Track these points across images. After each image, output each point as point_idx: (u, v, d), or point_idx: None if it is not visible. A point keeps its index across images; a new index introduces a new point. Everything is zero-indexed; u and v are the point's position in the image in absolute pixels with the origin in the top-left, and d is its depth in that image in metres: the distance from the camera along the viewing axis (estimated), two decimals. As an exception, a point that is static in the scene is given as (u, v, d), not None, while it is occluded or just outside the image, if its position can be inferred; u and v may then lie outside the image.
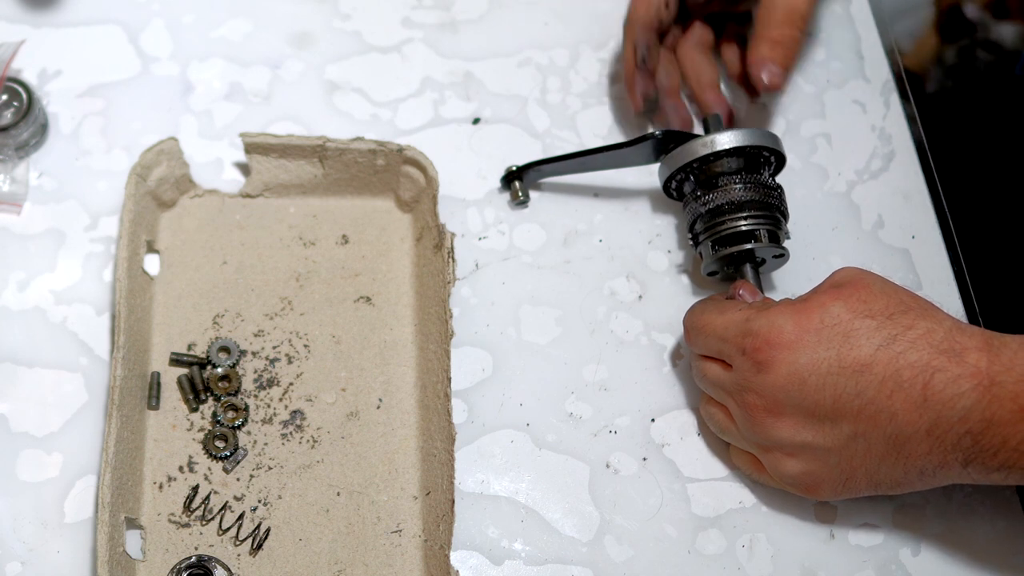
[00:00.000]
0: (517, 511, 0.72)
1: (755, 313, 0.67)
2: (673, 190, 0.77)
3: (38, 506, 0.70)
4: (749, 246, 0.73)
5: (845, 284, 0.66)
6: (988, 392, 0.59)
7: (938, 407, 0.61)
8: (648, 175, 0.83)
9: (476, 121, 0.85)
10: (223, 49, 0.86)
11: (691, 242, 0.77)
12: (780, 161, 0.76)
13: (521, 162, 0.80)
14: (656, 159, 0.77)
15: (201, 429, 0.73)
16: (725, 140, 0.73)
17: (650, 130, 0.81)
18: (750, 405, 0.67)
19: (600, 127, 0.85)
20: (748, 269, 0.75)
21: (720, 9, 0.83)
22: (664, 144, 0.76)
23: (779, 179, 0.78)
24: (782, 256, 0.75)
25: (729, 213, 0.73)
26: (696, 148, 0.74)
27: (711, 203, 0.73)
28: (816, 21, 0.90)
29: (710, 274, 0.77)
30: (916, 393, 0.61)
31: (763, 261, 0.76)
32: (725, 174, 0.74)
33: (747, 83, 0.82)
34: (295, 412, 0.74)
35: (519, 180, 0.80)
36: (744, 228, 0.73)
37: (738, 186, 0.73)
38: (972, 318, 0.79)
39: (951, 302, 0.80)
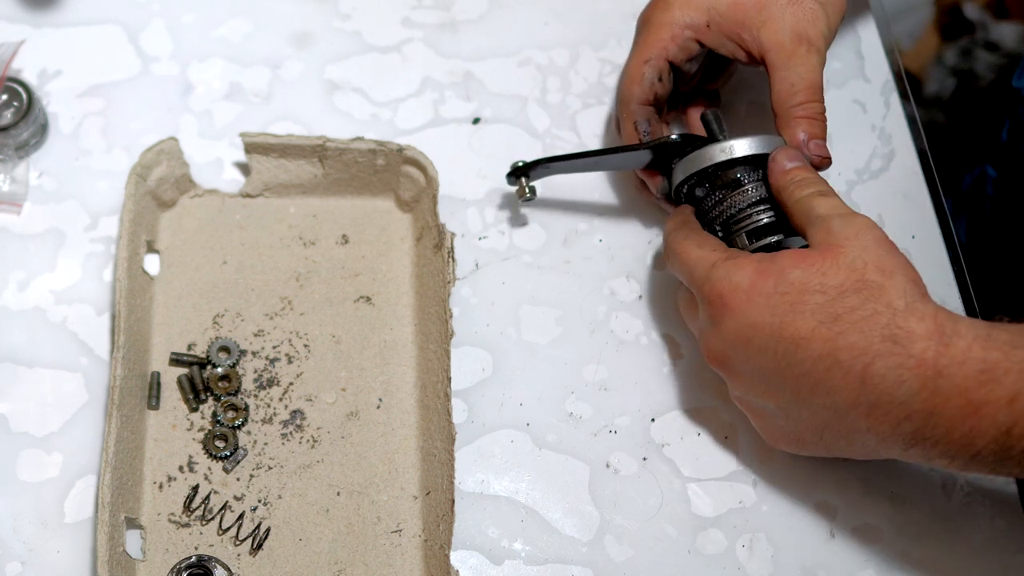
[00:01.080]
0: (517, 511, 0.72)
1: (722, 260, 0.67)
2: (683, 194, 0.76)
3: (38, 506, 0.70)
4: (776, 238, 0.71)
5: (822, 246, 0.64)
6: (932, 383, 0.58)
7: (877, 391, 0.60)
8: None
9: (476, 121, 0.85)
10: (223, 49, 0.86)
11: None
12: None
13: (522, 161, 0.79)
14: (669, 162, 0.76)
15: (201, 429, 0.73)
16: (744, 147, 0.72)
17: (666, 133, 0.80)
18: (707, 348, 0.68)
19: (600, 127, 0.85)
20: None
21: (696, 84, 0.82)
22: (681, 148, 0.75)
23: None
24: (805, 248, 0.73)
25: (754, 206, 0.72)
26: (715, 153, 0.72)
27: (738, 202, 0.72)
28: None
29: None
30: (855, 375, 0.61)
31: None
32: (742, 175, 0.73)
33: None
34: (295, 412, 0.74)
35: (526, 176, 0.79)
36: (768, 221, 0.71)
37: (758, 183, 0.72)
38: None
39: (951, 302, 0.80)
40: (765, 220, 0.71)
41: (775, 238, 0.70)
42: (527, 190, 0.78)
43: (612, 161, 0.78)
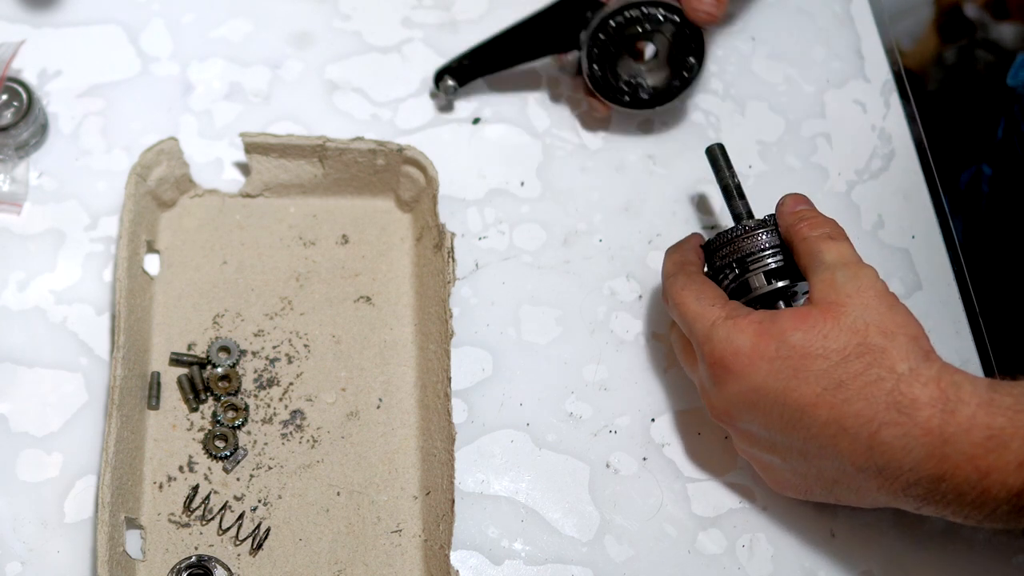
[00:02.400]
0: (517, 511, 0.72)
1: (723, 319, 0.66)
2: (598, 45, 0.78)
3: (38, 506, 0.70)
4: (785, 283, 0.71)
5: (823, 304, 0.64)
6: (939, 451, 0.58)
7: (885, 457, 0.60)
8: (649, 175, 0.83)
9: (476, 121, 0.85)
10: (223, 49, 0.86)
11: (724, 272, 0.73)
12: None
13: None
14: (576, 25, 0.77)
15: (201, 429, 0.73)
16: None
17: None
18: (710, 405, 0.69)
19: (600, 127, 0.85)
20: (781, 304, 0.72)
21: None
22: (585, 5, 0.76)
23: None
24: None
25: (765, 250, 0.71)
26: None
27: (751, 245, 0.71)
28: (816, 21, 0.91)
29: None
30: (862, 441, 0.60)
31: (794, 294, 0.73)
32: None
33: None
34: (295, 412, 0.74)
35: (451, 79, 0.81)
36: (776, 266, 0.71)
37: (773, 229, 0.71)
38: (972, 318, 0.79)
39: (951, 302, 0.80)
40: (773, 265, 0.70)
41: (784, 283, 0.70)
42: (449, 88, 0.81)
43: (527, 44, 0.78)
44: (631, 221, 0.82)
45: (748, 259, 0.71)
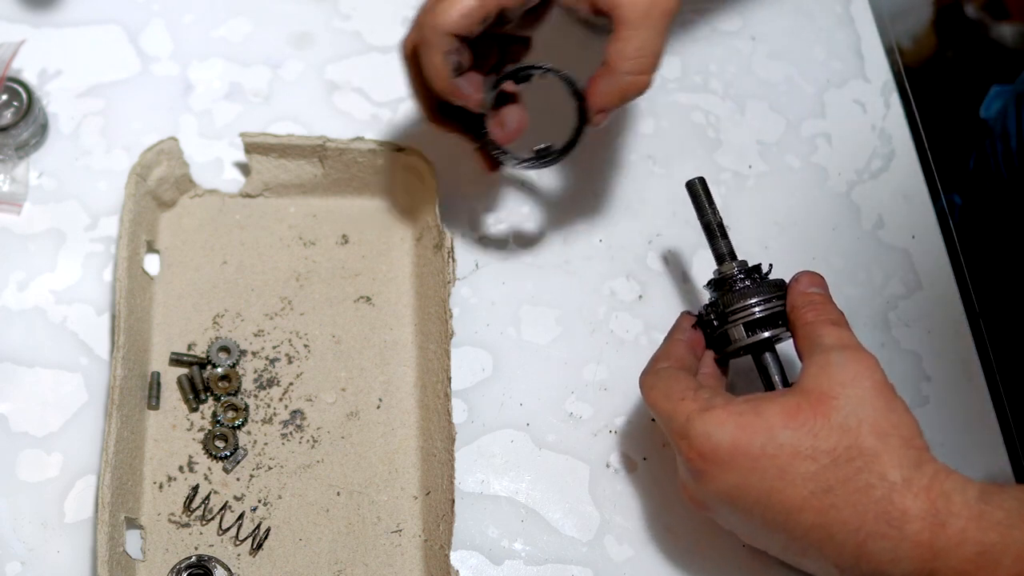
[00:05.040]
0: (517, 511, 0.72)
1: (697, 412, 0.62)
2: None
3: (38, 506, 0.70)
4: (769, 333, 0.68)
5: (813, 395, 0.60)
6: (929, 565, 0.57)
7: (873, 565, 0.58)
8: (649, 175, 0.83)
9: (476, 121, 0.85)
10: (223, 49, 0.86)
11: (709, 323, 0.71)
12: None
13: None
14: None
15: (201, 429, 0.73)
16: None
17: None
18: (688, 496, 0.65)
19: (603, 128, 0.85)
20: (768, 357, 0.69)
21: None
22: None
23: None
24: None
25: (756, 304, 0.68)
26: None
27: (738, 299, 0.69)
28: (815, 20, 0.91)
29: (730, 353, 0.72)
30: (849, 549, 0.58)
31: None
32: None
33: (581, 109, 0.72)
34: (295, 412, 0.74)
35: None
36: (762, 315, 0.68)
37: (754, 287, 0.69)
38: (972, 318, 0.79)
39: (951, 302, 0.80)
40: (759, 314, 0.68)
41: (768, 332, 0.68)
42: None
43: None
44: (631, 221, 0.82)
45: (728, 312, 0.68)
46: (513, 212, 0.82)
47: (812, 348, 0.63)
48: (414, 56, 0.69)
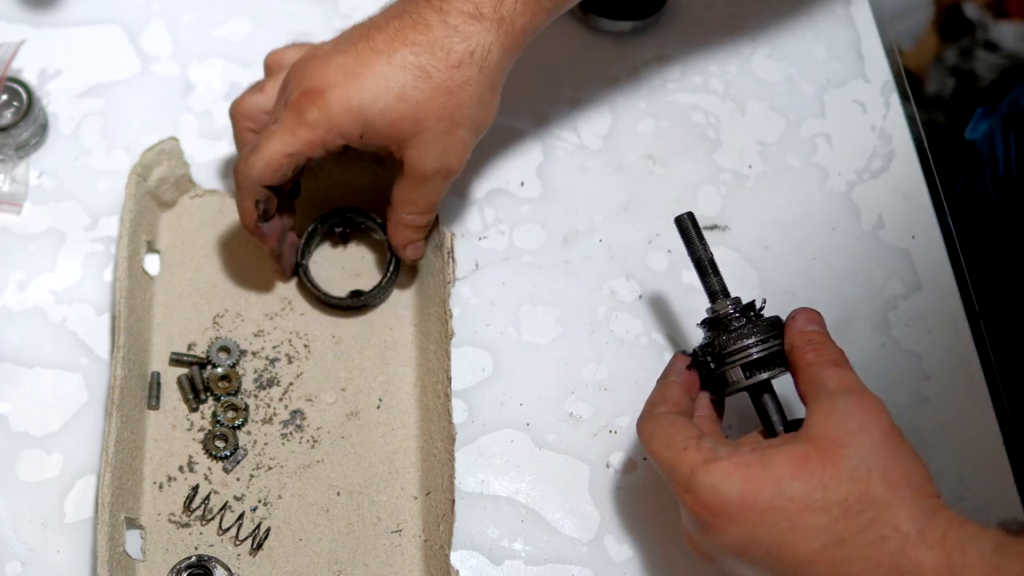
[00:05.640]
0: (517, 511, 0.72)
1: (701, 463, 0.60)
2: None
3: (38, 506, 0.70)
4: (768, 375, 0.67)
5: (821, 443, 0.59)
6: None
7: None
8: (649, 175, 0.83)
9: (476, 121, 0.85)
10: (223, 49, 0.86)
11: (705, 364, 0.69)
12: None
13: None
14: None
15: (201, 429, 0.73)
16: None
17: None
18: (694, 547, 0.64)
19: (600, 127, 0.85)
20: (767, 398, 0.68)
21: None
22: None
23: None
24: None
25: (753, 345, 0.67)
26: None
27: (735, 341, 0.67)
28: (815, 22, 0.91)
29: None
30: None
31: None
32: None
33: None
34: (295, 412, 0.74)
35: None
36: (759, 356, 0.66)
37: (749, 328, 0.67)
38: (972, 318, 0.79)
39: (951, 302, 0.80)
40: (756, 356, 0.66)
41: (767, 374, 0.66)
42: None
43: None
44: (631, 221, 0.82)
45: (726, 353, 0.66)
46: (513, 212, 0.82)
47: (816, 392, 0.62)
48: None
